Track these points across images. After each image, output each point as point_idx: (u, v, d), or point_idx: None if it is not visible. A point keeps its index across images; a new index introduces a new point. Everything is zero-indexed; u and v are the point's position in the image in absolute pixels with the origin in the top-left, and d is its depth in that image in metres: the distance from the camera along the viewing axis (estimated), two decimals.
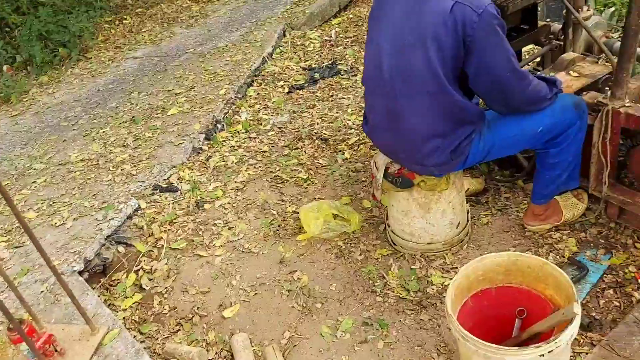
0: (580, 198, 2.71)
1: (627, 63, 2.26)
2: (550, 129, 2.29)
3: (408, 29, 2.10)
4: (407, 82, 2.15)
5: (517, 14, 3.03)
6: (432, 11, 2.01)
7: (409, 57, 2.11)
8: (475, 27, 1.94)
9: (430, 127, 2.19)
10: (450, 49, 2.02)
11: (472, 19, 1.94)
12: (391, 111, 2.26)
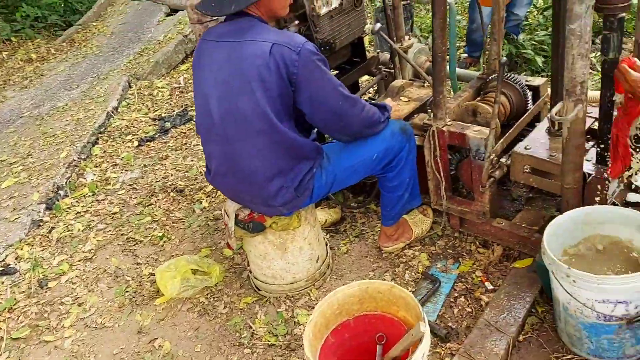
0: (426, 214, 2.87)
1: (440, 86, 2.45)
2: (384, 155, 2.41)
3: (231, 74, 2.11)
4: (239, 126, 2.14)
5: (346, 49, 3.19)
6: (252, 54, 2.05)
7: (236, 101, 2.11)
8: (297, 64, 2.02)
9: (269, 167, 2.20)
10: (276, 89, 2.06)
11: (292, 57, 2.01)
12: (229, 156, 2.23)
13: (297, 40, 2.04)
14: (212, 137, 2.25)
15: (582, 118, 2.00)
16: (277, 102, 2.09)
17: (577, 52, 1.84)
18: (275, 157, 2.18)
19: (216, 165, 2.32)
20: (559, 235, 2.14)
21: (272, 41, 2.01)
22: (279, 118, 2.11)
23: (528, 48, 4.13)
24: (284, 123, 2.14)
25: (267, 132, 2.12)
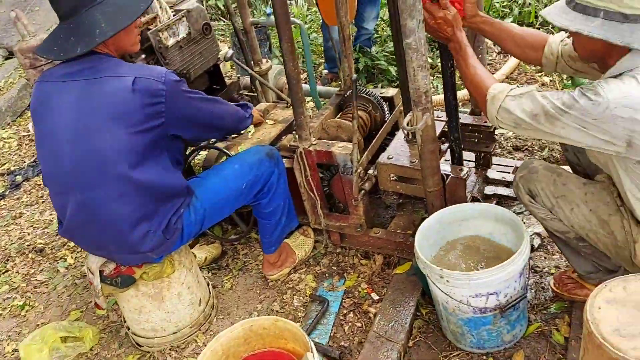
0: (307, 234, 2.86)
1: (300, 107, 2.46)
2: (254, 183, 2.36)
3: (88, 113, 1.95)
4: (98, 169, 1.97)
5: (203, 77, 3.10)
6: (112, 90, 1.94)
7: (95, 141, 1.95)
8: (165, 93, 1.98)
9: (133, 212, 2.04)
10: (142, 124, 1.95)
11: (158, 87, 1.96)
12: (87, 204, 2.03)
13: (159, 70, 2.01)
14: (63, 186, 2.04)
15: (432, 125, 2.10)
16: (143, 138, 1.98)
17: (417, 65, 1.93)
18: (139, 201, 2.04)
19: (71, 216, 2.10)
20: (430, 237, 2.22)
21: (134, 75, 1.94)
22: (144, 156, 2.00)
23: (381, 59, 4.33)
24: (149, 161, 2.02)
25: (129, 174, 1.97)
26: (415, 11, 1.83)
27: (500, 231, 2.20)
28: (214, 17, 6.70)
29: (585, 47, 1.72)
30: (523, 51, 2.10)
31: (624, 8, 1.55)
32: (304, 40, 3.26)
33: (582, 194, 1.88)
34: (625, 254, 1.84)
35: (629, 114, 1.56)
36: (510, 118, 1.75)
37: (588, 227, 1.88)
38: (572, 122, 1.63)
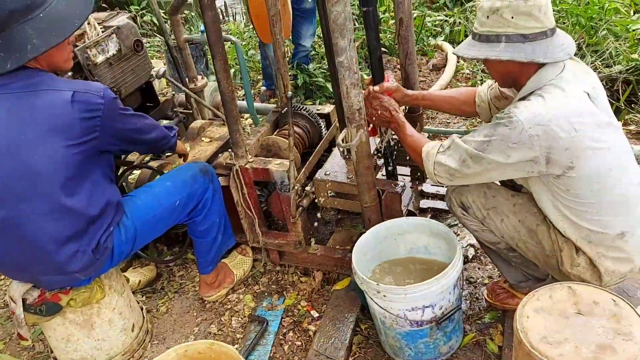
0: (245, 253, 2.81)
1: (235, 125, 2.43)
2: (188, 200, 2.31)
3: (19, 126, 1.86)
4: (26, 184, 1.87)
5: (134, 95, 3.02)
6: (49, 104, 1.88)
7: (25, 156, 1.86)
8: (102, 108, 1.95)
9: (61, 230, 1.94)
10: (78, 137, 1.91)
11: (97, 102, 1.94)
12: (11, 222, 1.90)
13: (97, 85, 2.00)
14: None
15: (366, 141, 2.13)
16: (78, 153, 1.92)
17: (350, 82, 1.96)
18: (68, 218, 1.94)
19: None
20: (367, 252, 2.24)
21: (72, 89, 1.91)
22: (77, 171, 1.93)
23: (319, 76, 4.37)
24: (82, 177, 1.96)
25: (60, 190, 1.89)
26: (346, 30, 1.85)
27: (435, 244, 2.25)
28: (149, 32, 6.57)
29: (498, 71, 1.86)
30: (459, 109, 2.32)
31: (521, 29, 1.70)
32: (239, 57, 3.25)
33: (511, 205, 1.96)
34: (552, 262, 1.93)
35: (543, 130, 1.66)
36: (444, 170, 1.90)
37: (517, 237, 1.96)
38: (496, 156, 1.74)
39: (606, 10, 4.14)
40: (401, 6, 2.45)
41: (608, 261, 1.83)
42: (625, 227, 1.81)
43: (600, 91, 1.83)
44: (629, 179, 1.81)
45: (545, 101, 1.69)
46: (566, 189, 1.75)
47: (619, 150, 1.79)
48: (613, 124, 1.80)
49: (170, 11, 3.16)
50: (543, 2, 1.68)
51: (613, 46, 3.83)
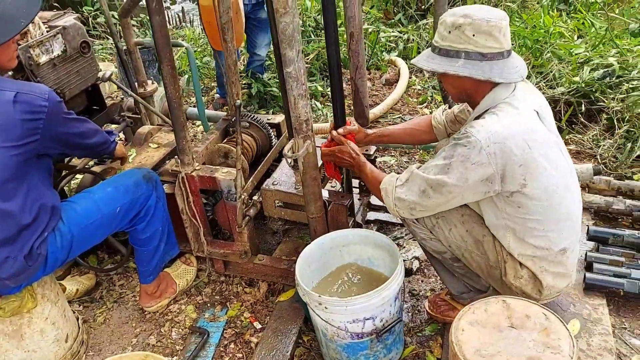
0: (190, 262, 2.76)
1: (182, 132, 2.39)
2: (129, 207, 2.25)
3: None
4: None
5: (80, 97, 2.93)
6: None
7: None
8: (46, 110, 1.91)
9: None
10: (19, 139, 1.86)
11: (40, 104, 1.90)
12: None
13: (41, 87, 1.95)
14: None
15: (313, 152, 2.13)
16: (17, 155, 1.86)
17: (297, 93, 1.96)
18: (0, 223, 1.87)
19: None
20: (311, 263, 2.24)
21: (15, 90, 1.87)
22: (13, 174, 1.88)
23: (273, 86, 4.37)
24: (17, 180, 1.90)
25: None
26: (295, 42, 1.86)
27: (378, 256, 2.27)
28: (102, 34, 6.41)
29: (455, 86, 1.88)
30: (420, 139, 2.38)
31: (481, 48, 1.74)
32: (191, 63, 3.20)
33: (459, 216, 2.00)
34: (496, 273, 1.98)
35: (500, 148, 1.71)
36: (404, 205, 1.92)
37: (464, 247, 2.00)
38: (456, 178, 1.77)
39: (551, 34, 4.32)
40: (352, 21, 2.48)
41: (549, 276, 1.90)
42: (567, 243, 1.89)
43: (547, 110, 1.91)
44: (572, 197, 1.89)
45: (500, 119, 1.74)
46: (518, 206, 1.80)
47: (563, 169, 1.87)
48: (559, 144, 1.89)
49: (121, 13, 3.09)
50: (504, 25, 1.74)
51: (557, 68, 3.99)
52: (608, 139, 3.44)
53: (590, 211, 2.87)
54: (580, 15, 4.84)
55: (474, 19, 1.72)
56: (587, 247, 2.62)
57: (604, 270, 2.38)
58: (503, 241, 1.90)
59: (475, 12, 1.74)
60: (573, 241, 1.91)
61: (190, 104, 4.67)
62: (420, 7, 5.85)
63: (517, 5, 5.15)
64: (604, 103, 3.60)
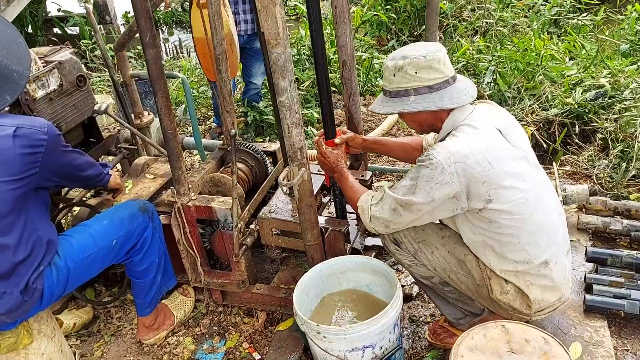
0: (187, 294, 2.74)
1: (177, 162, 2.40)
2: (126, 239, 2.24)
3: None
4: None
5: (77, 130, 2.95)
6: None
7: None
8: (45, 144, 1.94)
9: None
10: (19, 173, 1.88)
11: (39, 137, 1.92)
12: None
13: (41, 121, 1.98)
14: None
15: (308, 180, 2.14)
16: (15, 189, 1.87)
17: (291, 122, 1.98)
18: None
19: None
20: (310, 291, 2.22)
21: (15, 125, 1.89)
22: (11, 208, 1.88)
23: (269, 114, 4.40)
24: (14, 214, 1.89)
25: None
26: (287, 71, 1.89)
27: (376, 283, 2.26)
28: (99, 67, 6.49)
29: (414, 121, 2.00)
30: (411, 155, 2.42)
31: (426, 82, 1.86)
32: (187, 93, 3.24)
33: (440, 238, 2.03)
34: (484, 291, 1.97)
35: (460, 167, 1.76)
36: (379, 222, 1.98)
37: (449, 269, 2.01)
38: (423, 197, 1.82)
39: (542, 56, 4.38)
40: (344, 49, 2.52)
41: (536, 289, 1.90)
42: (548, 255, 1.89)
43: (513, 129, 1.94)
44: (545, 208, 1.90)
45: (458, 139, 1.81)
46: (489, 221, 1.83)
47: (533, 181, 1.89)
48: (527, 158, 1.91)
49: (117, 47, 3.14)
50: (441, 55, 1.86)
51: (549, 90, 4.04)
52: (603, 159, 3.46)
53: (587, 232, 2.87)
54: (570, 37, 4.92)
55: (412, 58, 1.85)
56: (586, 268, 2.61)
57: (604, 291, 2.37)
58: (484, 259, 1.92)
59: (411, 51, 1.87)
60: (555, 253, 1.92)
61: (187, 134, 4.70)
62: (412, 33, 5.95)
63: (507, 29, 5.23)
64: (597, 123, 3.63)
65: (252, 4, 4.04)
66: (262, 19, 1.79)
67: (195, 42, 2.78)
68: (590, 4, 5.65)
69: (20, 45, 2.05)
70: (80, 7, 9.85)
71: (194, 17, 2.68)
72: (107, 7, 8.85)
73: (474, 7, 5.68)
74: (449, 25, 5.54)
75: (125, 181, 2.92)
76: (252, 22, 4.00)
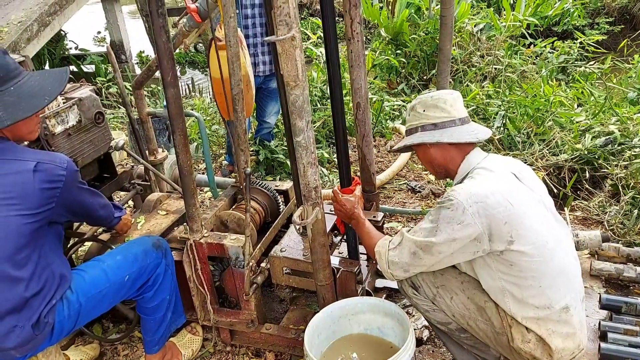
0: (195, 332, 2.71)
1: (191, 199, 2.42)
2: (138, 276, 2.24)
3: None
4: None
5: (92, 166, 3.00)
6: (13, 172, 1.91)
7: None
8: (64, 179, 1.98)
9: (1, 303, 1.86)
10: (37, 207, 1.91)
11: (58, 173, 1.96)
12: None
13: (61, 157, 2.02)
14: None
15: (322, 219, 2.15)
16: (32, 223, 1.90)
17: (307, 161, 2.00)
18: (8, 290, 1.86)
19: None
20: (321, 333, 2.20)
21: (36, 160, 1.93)
22: (27, 242, 1.89)
23: (280, 153, 4.45)
24: (30, 248, 1.91)
25: (6, 260, 1.85)
26: (304, 112, 1.92)
27: (388, 325, 2.23)
28: (114, 104, 6.62)
29: (425, 160, 2.11)
30: None
31: (431, 119, 2.00)
32: (202, 132, 3.29)
33: (459, 283, 2.00)
34: (503, 340, 1.94)
35: (482, 207, 1.78)
36: (398, 267, 1.99)
37: (468, 315, 1.98)
38: (444, 239, 1.83)
39: (551, 102, 4.44)
40: (358, 92, 2.57)
41: (558, 338, 1.86)
42: (568, 300, 1.87)
43: (527, 175, 1.98)
44: (564, 252, 1.90)
45: (477, 182, 1.85)
46: (510, 264, 1.82)
47: (551, 225, 1.89)
48: (544, 202, 1.93)
49: (135, 85, 3.21)
50: (448, 98, 1.98)
51: (559, 136, 4.07)
52: (614, 205, 3.45)
53: (601, 278, 2.84)
54: (578, 84, 5.00)
55: (422, 98, 2.03)
56: (600, 315, 2.57)
57: (619, 340, 2.32)
58: (504, 306, 1.89)
59: (426, 94, 2.03)
60: (574, 298, 1.89)
61: (199, 171, 4.75)
62: (422, 77, 6.06)
63: (516, 75, 5.32)
64: (607, 170, 3.64)
65: (270, 46, 4.15)
66: (282, 62, 1.84)
67: (212, 82, 2.84)
68: (597, 53, 5.76)
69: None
70: (96, 46, 10.14)
71: (212, 58, 2.76)
72: (123, 46, 9.12)
73: (482, 53, 5.80)
74: (459, 71, 5.64)
75: (138, 217, 2.94)
76: (270, 63, 4.09)
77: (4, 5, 6.90)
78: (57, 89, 2.03)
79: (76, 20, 7.88)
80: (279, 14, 1.76)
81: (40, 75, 2.06)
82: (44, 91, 2.00)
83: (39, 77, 2.04)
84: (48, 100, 1.99)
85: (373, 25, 7.73)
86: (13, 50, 6.01)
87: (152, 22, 2.09)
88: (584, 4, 7.91)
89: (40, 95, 1.98)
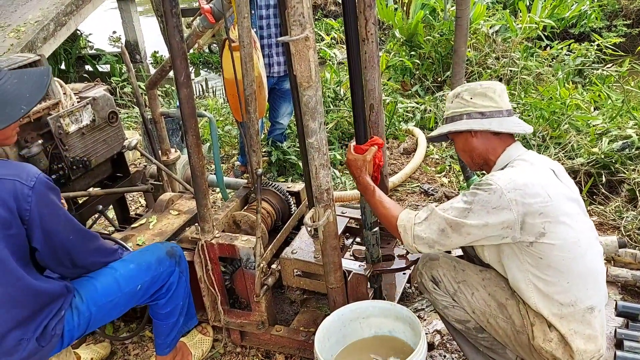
0: (206, 332, 2.71)
1: (203, 200, 2.42)
2: (151, 284, 2.20)
3: None
4: None
5: (105, 165, 3.02)
6: None
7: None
8: (30, 200, 1.77)
9: (5, 319, 1.82)
10: (9, 228, 1.76)
11: (24, 192, 1.76)
12: None
13: (29, 172, 1.80)
14: None
15: (333, 221, 2.13)
16: (12, 243, 1.78)
17: (319, 163, 1.99)
18: (12, 307, 1.83)
19: None
20: (331, 336, 2.18)
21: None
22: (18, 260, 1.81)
23: (292, 154, 4.44)
24: (23, 266, 1.83)
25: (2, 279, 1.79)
26: (317, 114, 1.91)
27: (399, 329, 2.21)
28: (127, 104, 6.66)
29: (464, 149, 2.04)
30: None
31: (479, 108, 1.96)
32: (212, 132, 3.29)
33: (480, 279, 1.99)
34: (523, 339, 1.91)
35: (520, 194, 1.76)
36: (423, 242, 1.93)
37: (488, 312, 1.96)
38: (476, 221, 1.80)
39: (568, 105, 4.38)
40: (372, 93, 2.54)
41: (579, 339, 1.83)
42: (594, 301, 1.84)
43: (563, 174, 1.96)
44: (594, 254, 1.88)
45: (517, 171, 1.85)
46: (539, 257, 1.80)
47: (585, 225, 1.88)
48: (579, 202, 1.91)
49: (148, 85, 3.22)
50: (497, 87, 1.95)
51: (575, 140, 4.01)
52: (631, 210, 3.39)
53: (617, 285, 2.78)
54: (595, 87, 4.92)
55: (470, 86, 2.00)
56: (616, 322, 2.52)
57: (635, 348, 2.28)
58: (529, 300, 1.86)
59: (472, 83, 2.01)
60: (599, 301, 1.87)
61: (211, 171, 4.75)
62: (436, 79, 6.01)
63: (532, 78, 5.26)
64: (624, 174, 3.58)
65: (284, 47, 4.15)
66: (295, 62, 1.83)
67: (225, 82, 2.84)
68: (614, 56, 5.67)
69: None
70: (111, 46, 10.22)
71: (225, 59, 2.75)
72: (137, 46, 9.17)
73: (498, 55, 5.74)
74: (474, 73, 5.59)
75: (150, 217, 2.95)
76: (284, 64, 4.08)
77: (22, 5, 6.97)
78: (36, 96, 1.81)
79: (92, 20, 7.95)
80: (292, 14, 1.75)
81: (18, 78, 1.84)
82: (21, 99, 1.78)
83: (16, 80, 1.82)
84: (25, 109, 1.78)
85: (387, 26, 7.69)
86: (30, 49, 6.07)
87: (166, 22, 2.09)
88: (601, 5, 7.80)
89: (15, 104, 1.77)
